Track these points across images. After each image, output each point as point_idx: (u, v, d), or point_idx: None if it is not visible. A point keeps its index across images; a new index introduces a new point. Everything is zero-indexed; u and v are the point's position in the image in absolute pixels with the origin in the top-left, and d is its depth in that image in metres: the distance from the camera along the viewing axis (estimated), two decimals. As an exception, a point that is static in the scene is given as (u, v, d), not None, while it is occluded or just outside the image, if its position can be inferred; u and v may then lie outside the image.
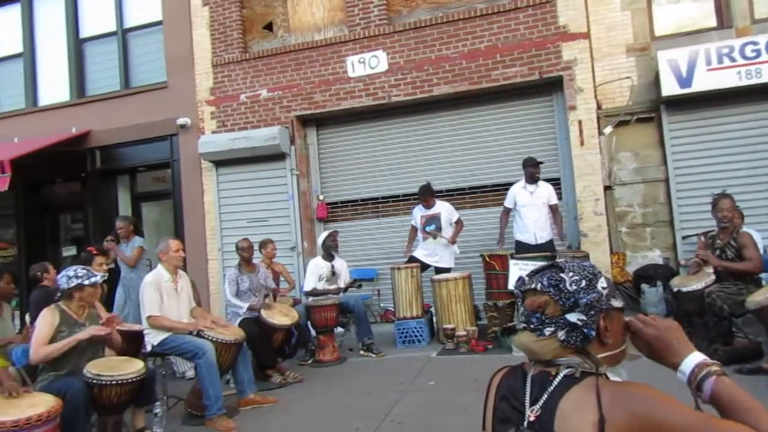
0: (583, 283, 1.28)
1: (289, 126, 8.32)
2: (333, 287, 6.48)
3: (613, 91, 7.44)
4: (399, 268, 6.58)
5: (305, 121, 8.57)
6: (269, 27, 8.78)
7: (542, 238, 6.49)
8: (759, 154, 6.89)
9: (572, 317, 1.25)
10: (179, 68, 8.86)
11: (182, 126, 8.75)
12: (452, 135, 8.07)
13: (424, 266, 6.88)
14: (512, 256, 6.01)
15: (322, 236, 6.77)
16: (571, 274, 1.29)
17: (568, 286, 1.28)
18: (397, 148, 8.30)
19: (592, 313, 1.25)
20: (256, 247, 6.32)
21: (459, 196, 7.92)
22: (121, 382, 3.67)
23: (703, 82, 6.75)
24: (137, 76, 9.41)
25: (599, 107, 7.36)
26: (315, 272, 6.51)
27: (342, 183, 8.61)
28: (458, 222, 7.00)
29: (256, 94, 8.51)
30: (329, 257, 6.63)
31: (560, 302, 1.27)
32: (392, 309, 7.07)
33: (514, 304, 5.87)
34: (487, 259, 6.27)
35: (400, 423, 4.08)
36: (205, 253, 8.60)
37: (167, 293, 4.66)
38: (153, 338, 4.57)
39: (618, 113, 7.33)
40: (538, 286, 1.31)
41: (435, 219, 6.93)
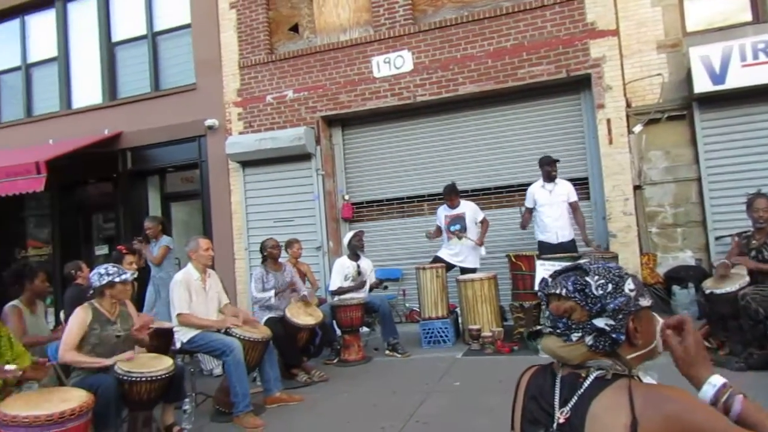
0: (610, 287, 1.25)
1: (315, 126, 8.38)
2: (357, 282, 6.50)
3: (643, 89, 7.30)
4: (424, 268, 6.56)
5: (331, 122, 8.62)
6: (295, 28, 8.85)
7: (564, 237, 6.39)
8: (796, 153, 6.68)
9: (600, 323, 1.23)
10: (207, 70, 9.00)
11: (210, 127, 8.89)
12: (478, 134, 8.02)
13: (449, 266, 6.85)
14: (539, 257, 5.95)
15: (348, 236, 6.79)
16: (596, 278, 1.27)
17: (594, 290, 1.25)
18: (422, 147, 8.28)
19: (621, 317, 1.23)
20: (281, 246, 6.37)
21: (484, 196, 7.86)
22: (150, 379, 3.74)
23: (738, 79, 6.56)
24: (167, 78, 9.59)
25: (628, 105, 7.22)
26: (341, 272, 6.54)
27: (367, 183, 8.63)
28: (484, 222, 6.94)
29: (282, 95, 8.59)
30: (355, 257, 6.65)
31: (587, 308, 1.25)
32: (417, 309, 7.06)
33: (541, 305, 5.81)
34: (514, 260, 6.21)
35: (425, 423, 4.06)
36: (232, 253, 8.72)
37: (196, 292, 4.74)
38: (182, 336, 4.65)
39: (648, 111, 7.18)
40: (563, 291, 1.29)
41: (460, 219, 6.89)
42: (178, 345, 4.71)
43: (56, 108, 10.18)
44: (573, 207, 6.50)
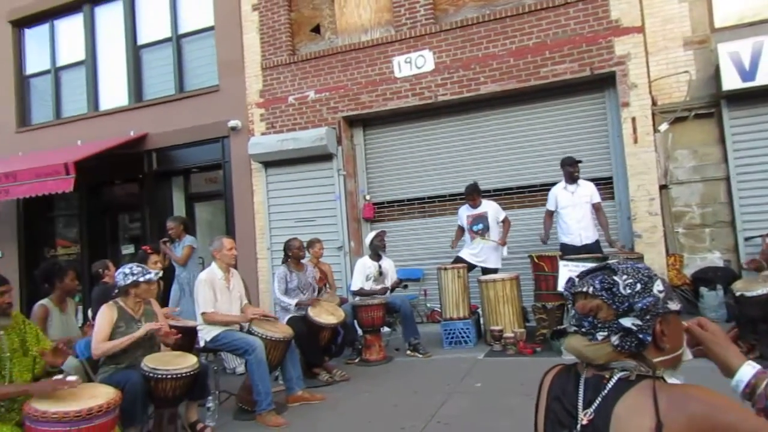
0: (638, 286, 1.23)
1: (336, 127, 8.41)
2: (379, 287, 6.50)
3: (669, 87, 7.16)
4: (446, 269, 6.54)
5: (352, 122, 8.64)
6: (317, 29, 8.90)
7: (588, 239, 6.31)
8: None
9: (626, 322, 1.21)
10: (230, 72, 9.10)
11: (233, 128, 8.99)
12: (499, 134, 7.96)
13: (471, 266, 6.81)
14: (562, 258, 5.88)
15: (370, 236, 6.80)
16: (624, 277, 1.25)
17: (621, 289, 1.23)
18: (443, 147, 8.25)
19: (648, 317, 1.21)
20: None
21: (506, 196, 7.80)
22: (175, 376, 3.80)
23: (769, 75, 6.40)
24: (191, 80, 9.73)
25: (654, 103, 7.09)
26: (362, 272, 6.55)
27: (388, 183, 8.63)
28: (505, 221, 6.89)
29: (303, 96, 8.64)
30: (377, 257, 6.66)
31: (614, 306, 1.23)
32: (439, 309, 7.04)
33: (564, 306, 5.74)
34: (536, 260, 6.14)
35: (446, 424, 4.05)
36: (254, 252, 8.80)
37: (220, 291, 4.80)
38: (206, 334, 4.72)
39: (675, 109, 7.05)
40: (590, 290, 1.27)
41: (481, 218, 6.85)
42: (201, 343, 4.78)
43: (84, 110, 10.41)
44: (596, 208, 6.42)
